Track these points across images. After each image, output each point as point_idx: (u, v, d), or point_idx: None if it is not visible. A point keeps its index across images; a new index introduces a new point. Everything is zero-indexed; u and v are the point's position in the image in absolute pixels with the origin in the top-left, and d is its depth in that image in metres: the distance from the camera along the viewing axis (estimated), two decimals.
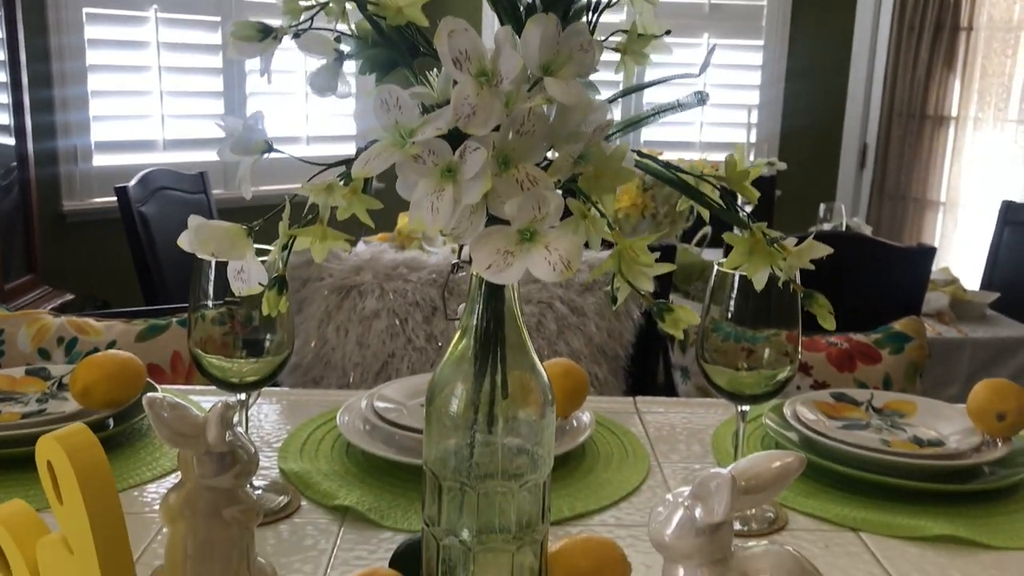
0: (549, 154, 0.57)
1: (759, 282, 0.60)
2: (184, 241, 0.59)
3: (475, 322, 0.68)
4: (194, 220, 0.59)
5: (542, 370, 0.70)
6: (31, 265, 2.82)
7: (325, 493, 0.96)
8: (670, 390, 1.71)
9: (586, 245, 0.58)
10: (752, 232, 0.58)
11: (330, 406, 1.19)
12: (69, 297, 2.79)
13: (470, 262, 0.62)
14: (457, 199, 0.50)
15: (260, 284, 0.58)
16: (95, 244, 3.27)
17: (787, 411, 1.12)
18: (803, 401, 1.16)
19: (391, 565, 0.78)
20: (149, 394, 0.67)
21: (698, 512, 0.67)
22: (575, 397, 1.07)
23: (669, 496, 0.70)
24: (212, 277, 0.90)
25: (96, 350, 1.44)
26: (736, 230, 0.59)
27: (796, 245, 0.62)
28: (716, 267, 0.91)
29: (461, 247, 0.64)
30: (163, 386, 1.27)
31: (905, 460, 1.01)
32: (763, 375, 0.93)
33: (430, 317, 1.49)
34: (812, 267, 0.59)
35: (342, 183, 0.56)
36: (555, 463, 1.06)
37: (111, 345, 1.49)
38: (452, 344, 0.70)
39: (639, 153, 0.60)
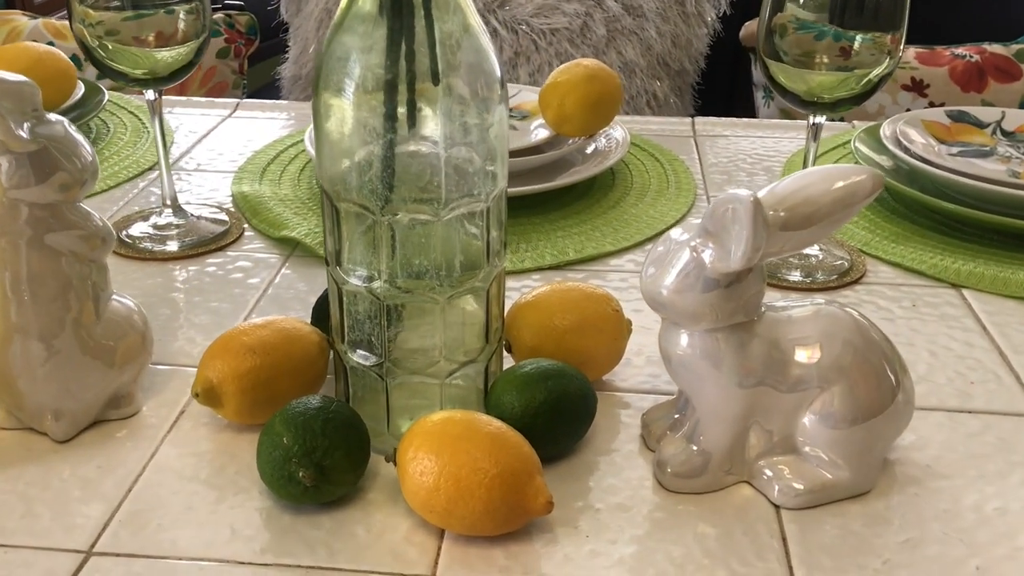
0: None
1: None
2: None
3: None
4: None
5: (486, 40, 0.46)
6: None
7: (273, 222, 0.77)
8: (749, 115, 1.43)
9: None
10: None
11: None
12: None
13: None
14: None
15: None
16: None
17: (885, 131, 0.86)
18: (908, 120, 0.88)
19: (313, 313, 0.59)
20: None
21: (708, 256, 0.45)
22: (601, 109, 0.83)
23: (674, 232, 0.47)
24: None
25: (75, 57, 1.25)
26: None
27: None
28: None
29: None
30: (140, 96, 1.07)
31: None
32: (855, 75, 0.67)
33: None
34: None
35: None
36: (569, 195, 0.84)
37: None
38: None
39: None
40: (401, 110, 0.46)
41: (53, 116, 0.49)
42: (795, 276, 0.71)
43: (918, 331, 0.64)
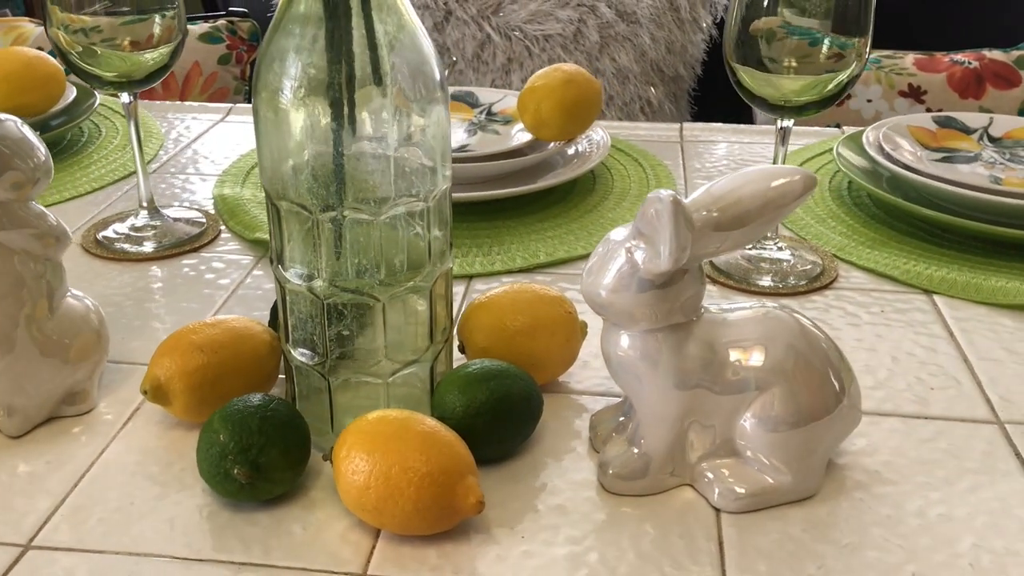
0: None
1: None
2: None
3: None
4: None
5: (427, 42, 0.47)
6: None
7: (248, 224, 0.78)
8: (750, 122, 1.42)
9: None
10: None
11: None
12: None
13: None
14: None
15: None
16: None
17: (868, 137, 0.85)
18: (893, 126, 0.88)
19: (271, 313, 0.60)
20: None
21: (640, 256, 0.45)
22: (578, 113, 0.83)
23: (613, 233, 0.47)
24: None
25: None
26: None
27: None
28: None
29: None
30: (146, 101, 1.09)
31: (1019, 202, 0.73)
32: (825, 78, 0.67)
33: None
34: None
35: None
36: (548, 198, 0.84)
37: None
38: None
39: None
40: (342, 111, 0.46)
41: (3, 115, 0.50)
42: (766, 281, 0.70)
43: (883, 336, 0.63)
